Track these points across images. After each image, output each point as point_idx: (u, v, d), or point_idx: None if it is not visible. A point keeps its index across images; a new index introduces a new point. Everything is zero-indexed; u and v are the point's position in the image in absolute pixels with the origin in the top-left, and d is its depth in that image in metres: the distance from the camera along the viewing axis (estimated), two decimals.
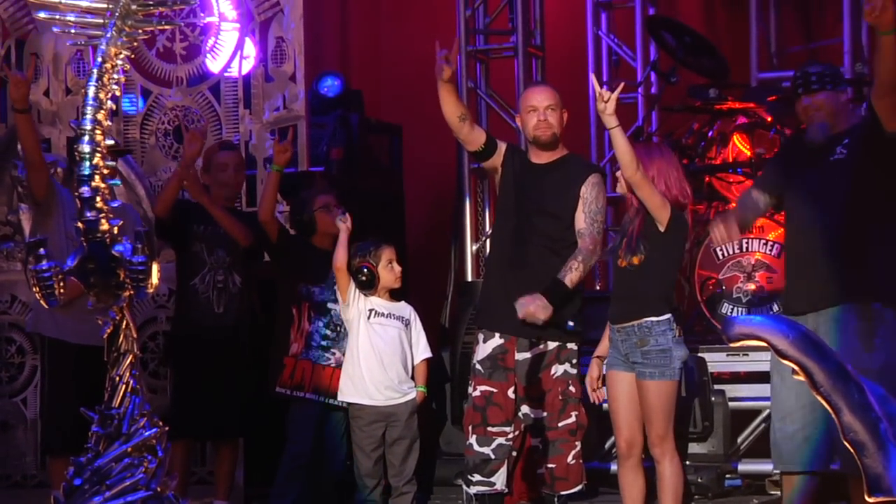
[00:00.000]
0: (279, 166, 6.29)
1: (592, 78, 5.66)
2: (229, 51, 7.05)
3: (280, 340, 6.25)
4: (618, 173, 5.55)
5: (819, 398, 3.19)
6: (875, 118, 5.18)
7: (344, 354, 6.17)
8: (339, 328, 6.21)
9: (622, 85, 5.50)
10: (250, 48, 7.02)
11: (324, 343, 6.21)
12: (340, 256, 6.04)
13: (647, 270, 5.36)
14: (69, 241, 5.99)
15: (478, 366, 5.72)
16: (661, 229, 5.34)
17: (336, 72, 7.98)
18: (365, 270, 6.11)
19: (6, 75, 7.04)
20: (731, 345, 3.36)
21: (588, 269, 5.62)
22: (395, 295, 6.21)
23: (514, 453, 5.91)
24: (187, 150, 6.35)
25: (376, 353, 6.06)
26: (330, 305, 6.21)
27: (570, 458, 5.69)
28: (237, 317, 6.29)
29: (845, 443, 3.17)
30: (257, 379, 6.31)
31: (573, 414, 5.70)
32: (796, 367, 3.20)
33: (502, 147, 5.78)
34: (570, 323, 5.60)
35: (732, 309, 6.69)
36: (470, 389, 5.77)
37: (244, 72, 7.00)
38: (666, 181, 5.38)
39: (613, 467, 6.20)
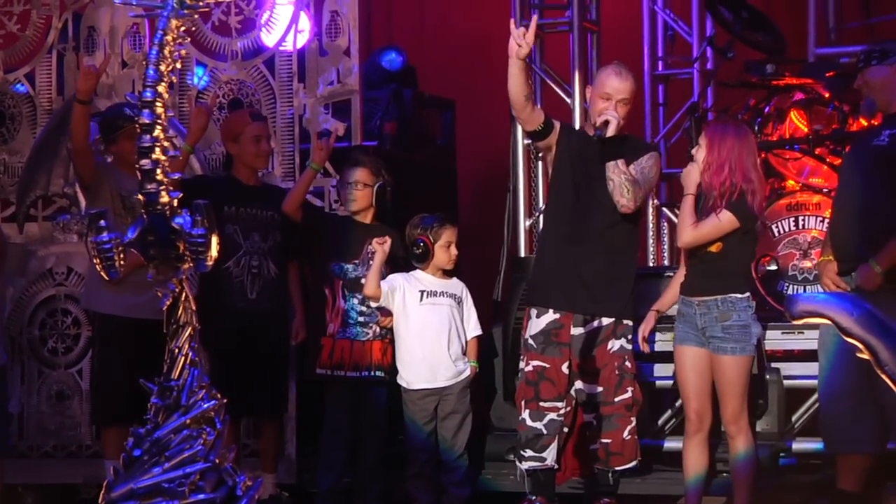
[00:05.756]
0: (317, 164, 6.28)
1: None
2: (284, 24, 7.03)
3: (314, 322, 6.24)
4: (694, 150, 5.55)
5: (883, 377, 3.17)
6: None
7: (380, 326, 6.17)
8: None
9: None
10: (305, 22, 7.00)
11: (361, 319, 6.19)
12: (371, 284, 5.97)
13: (727, 252, 5.40)
14: (118, 219, 6.00)
15: (530, 341, 5.72)
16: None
17: (397, 46, 7.97)
18: (421, 244, 6.10)
19: (64, 49, 7.07)
20: (794, 322, 3.32)
21: (624, 189, 5.53)
22: (447, 271, 6.19)
23: (566, 430, 5.90)
24: (193, 124, 6.40)
25: (431, 332, 6.05)
26: (364, 281, 6.16)
27: (625, 434, 5.68)
28: (270, 304, 6.28)
29: None
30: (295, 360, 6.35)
31: (629, 389, 5.69)
32: (860, 346, 3.18)
33: (556, 126, 5.78)
34: None
35: (789, 287, 6.64)
36: (522, 364, 5.77)
37: (299, 46, 6.98)
38: (732, 165, 5.34)
39: (666, 444, 6.19)
